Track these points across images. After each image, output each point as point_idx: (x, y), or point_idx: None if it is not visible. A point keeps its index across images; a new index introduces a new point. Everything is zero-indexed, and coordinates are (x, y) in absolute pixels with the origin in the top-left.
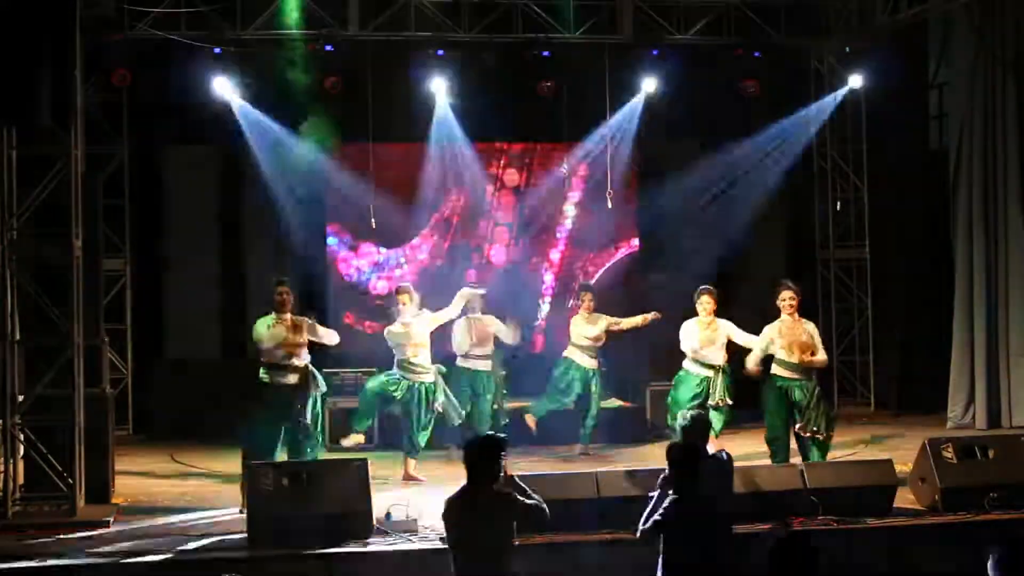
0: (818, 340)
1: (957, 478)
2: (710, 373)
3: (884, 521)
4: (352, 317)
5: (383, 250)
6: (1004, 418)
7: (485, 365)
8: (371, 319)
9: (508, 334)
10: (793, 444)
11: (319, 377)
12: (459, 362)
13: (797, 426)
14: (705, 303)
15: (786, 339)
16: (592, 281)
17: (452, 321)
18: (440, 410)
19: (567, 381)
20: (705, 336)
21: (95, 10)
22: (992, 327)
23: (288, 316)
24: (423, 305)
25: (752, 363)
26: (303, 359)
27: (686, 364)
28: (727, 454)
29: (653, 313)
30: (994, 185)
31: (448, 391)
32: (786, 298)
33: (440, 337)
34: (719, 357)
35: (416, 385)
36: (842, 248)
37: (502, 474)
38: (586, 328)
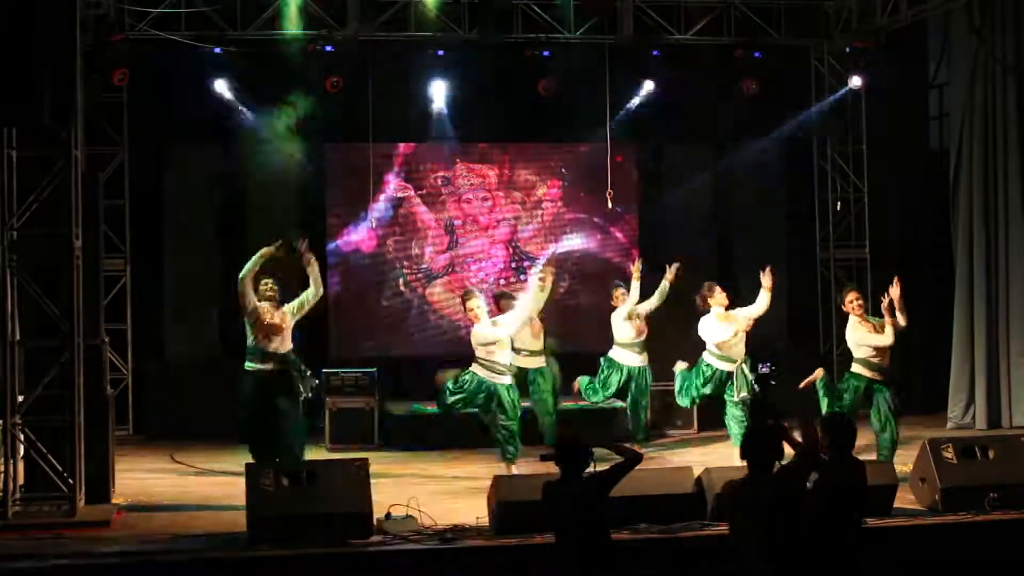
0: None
1: (957, 478)
2: (732, 367)
3: (884, 521)
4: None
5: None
6: (1004, 418)
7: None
8: None
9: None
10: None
11: None
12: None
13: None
14: (720, 297)
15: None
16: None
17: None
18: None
19: (605, 379)
20: (727, 329)
21: (95, 10)
22: (992, 327)
23: None
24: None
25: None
26: None
27: (707, 357)
28: None
29: (674, 266)
30: (994, 185)
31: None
32: (853, 299)
33: None
34: (741, 351)
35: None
36: (842, 248)
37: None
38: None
